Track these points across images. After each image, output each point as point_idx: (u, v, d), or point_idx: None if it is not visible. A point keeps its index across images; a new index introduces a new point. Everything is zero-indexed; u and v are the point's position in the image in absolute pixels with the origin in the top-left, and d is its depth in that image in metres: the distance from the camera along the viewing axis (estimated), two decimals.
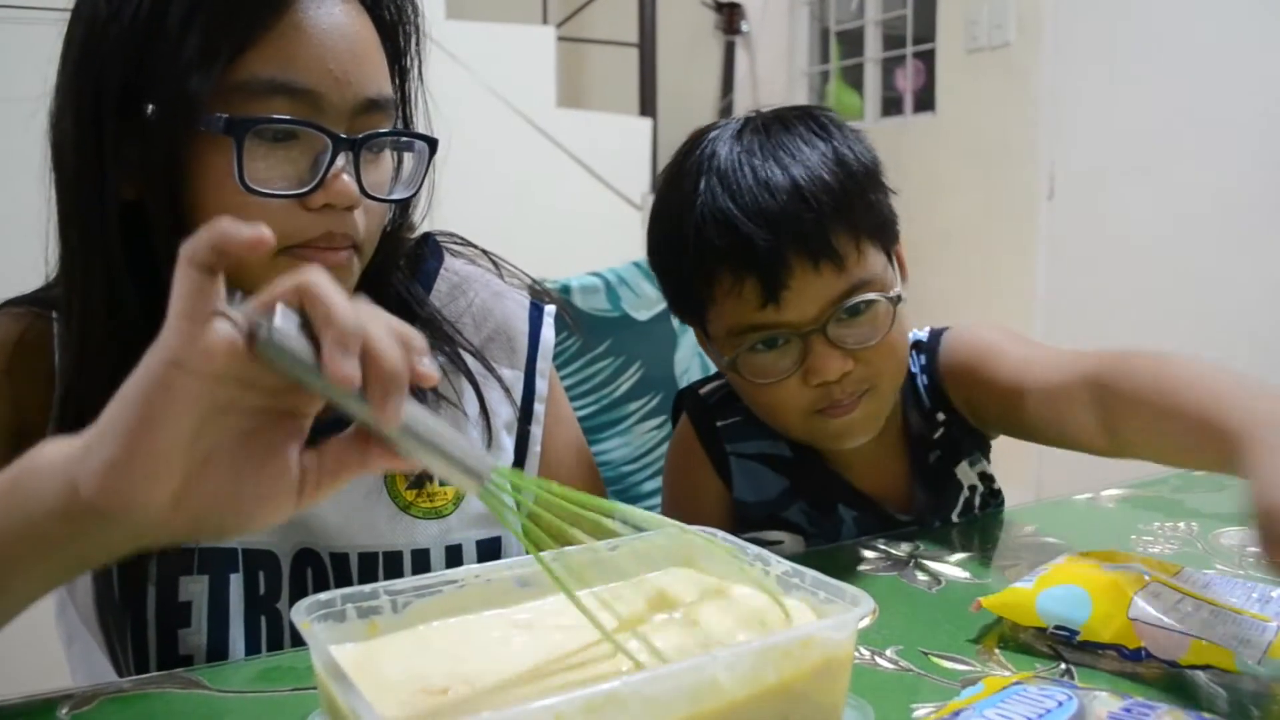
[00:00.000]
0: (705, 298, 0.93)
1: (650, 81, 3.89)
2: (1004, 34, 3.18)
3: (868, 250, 0.91)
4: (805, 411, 0.93)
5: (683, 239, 0.91)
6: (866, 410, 0.94)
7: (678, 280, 0.97)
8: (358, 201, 0.76)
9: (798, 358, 0.91)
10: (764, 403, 0.96)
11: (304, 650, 0.75)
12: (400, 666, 0.55)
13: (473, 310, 0.95)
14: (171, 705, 0.67)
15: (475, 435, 0.91)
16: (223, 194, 0.72)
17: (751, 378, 0.93)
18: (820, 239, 0.88)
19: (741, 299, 0.90)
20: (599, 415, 1.42)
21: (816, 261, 0.88)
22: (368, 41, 0.77)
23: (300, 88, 0.72)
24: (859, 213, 0.90)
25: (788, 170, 0.89)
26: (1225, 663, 0.64)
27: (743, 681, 0.51)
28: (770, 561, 0.62)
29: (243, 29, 0.71)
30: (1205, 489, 1.16)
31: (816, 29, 4.28)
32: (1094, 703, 0.57)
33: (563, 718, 0.46)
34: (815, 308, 0.89)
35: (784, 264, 0.87)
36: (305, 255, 0.75)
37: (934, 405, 1.04)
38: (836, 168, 0.90)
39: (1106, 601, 0.70)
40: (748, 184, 0.89)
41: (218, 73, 0.70)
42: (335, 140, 0.73)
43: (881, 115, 3.89)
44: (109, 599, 0.80)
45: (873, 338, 0.91)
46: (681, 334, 1.48)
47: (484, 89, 3.14)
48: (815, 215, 0.88)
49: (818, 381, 0.90)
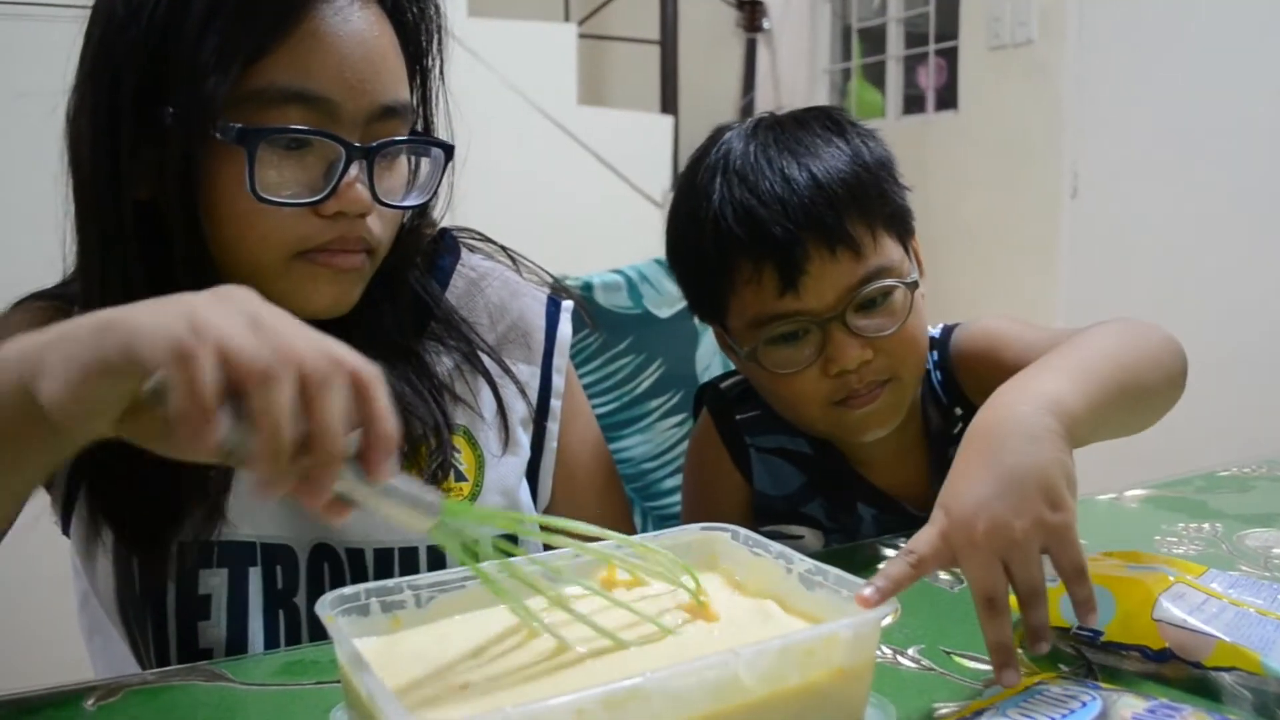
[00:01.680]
0: (725, 289, 0.93)
1: (671, 79, 3.88)
2: (1027, 31, 3.16)
3: (883, 239, 0.92)
4: (824, 403, 0.94)
5: (701, 232, 0.93)
6: (887, 401, 0.94)
7: (698, 276, 0.97)
8: (370, 209, 0.77)
9: (817, 348, 0.91)
10: (784, 395, 0.96)
11: (327, 644, 0.75)
12: (422, 661, 0.55)
13: (489, 306, 0.95)
14: (195, 697, 0.68)
15: (492, 436, 0.91)
16: (236, 199, 0.73)
17: (772, 369, 0.93)
18: (837, 226, 0.89)
19: (761, 287, 0.90)
20: (620, 412, 1.42)
21: (833, 248, 0.89)
22: (385, 48, 0.77)
23: (315, 96, 0.73)
24: (874, 203, 0.92)
25: (804, 163, 0.91)
26: (1251, 665, 0.63)
27: (764, 679, 0.51)
28: (793, 560, 0.62)
29: (260, 36, 0.71)
30: (1230, 490, 1.15)
31: (838, 26, 4.27)
32: (1118, 703, 0.56)
33: (585, 713, 0.46)
34: (833, 294, 0.90)
35: (801, 251, 0.88)
36: (319, 259, 0.76)
37: (951, 401, 1.04)
38: (851, 160, 0.92)
39: (1131, 602, 0.70)
40: (765, 176, 0.91)
41: (234, 78, 0.70)
42: (349, 149, 0.74)
43: (903, 113, 3.87)
44: (129, 591, 0.81)
45: (891, 326, 0.91)
46: (703, 331, 1.48)
47: (505, 86, 3.15)
48: (831, 204, 0.89)
49: (837, 370, 0.91)
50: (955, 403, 1.04)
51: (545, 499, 0.97)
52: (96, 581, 0.84)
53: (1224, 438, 2.30)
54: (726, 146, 0.95)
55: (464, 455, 0.89)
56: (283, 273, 0.76)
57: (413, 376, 0.87)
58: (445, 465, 0.86)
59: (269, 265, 0.76)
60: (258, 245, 0.75)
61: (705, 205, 0.93)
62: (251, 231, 0.74)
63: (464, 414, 0.90)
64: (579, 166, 3.33)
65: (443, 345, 0.90)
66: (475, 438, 0.90)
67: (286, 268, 0.76)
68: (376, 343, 0.86)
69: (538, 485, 0.96)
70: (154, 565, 0.80)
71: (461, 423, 0.90)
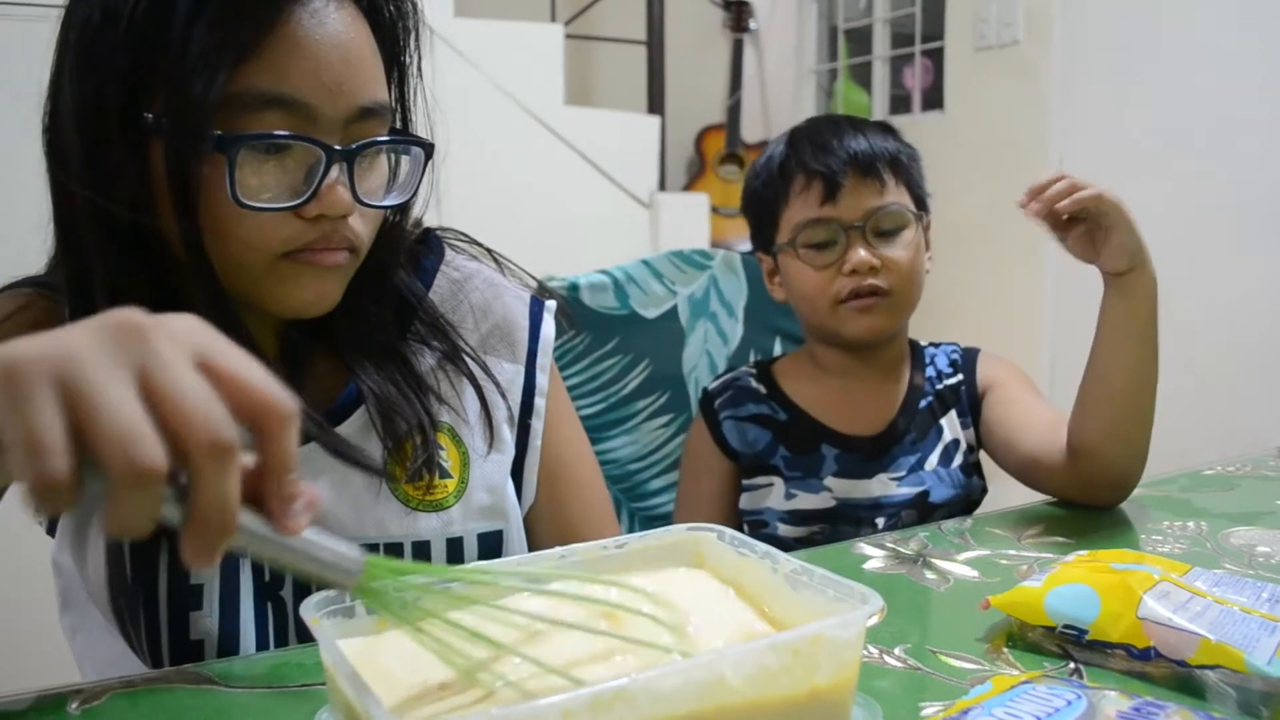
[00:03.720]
0: (781, 203, 1.25)
1: (658, 79, 3.88)
2: (1013, 32, 3.17)
3: (904, 192, 1.24)
4: (834, 299, 1.22)
5: (771, 167, 1.26)
6: (881, 308, 1.22)
7: (762, 201, 1.28)
8: (351, 210, 0.77)
9: (840, 254, 1.21)
10: (807, 289, 1.24)
11: (313, 646, 0.75)
12: (406, 663, 0.55)
13: (473, 306, 0.96)
14: (180, 700, 0.68)
15: (476, 436, 0.91)
16: (218, 204, 0.73)
17: (805, 262, 1.23)
18: (871, 165, 1.21)
19: (808, 198, 1.22)
20: (606, 413, 1.42)
21: (866, 176, 1.21)
22: (362, 48, 0.77)
23: (294, 100, 0.73)
24: (904, 169, 1.24)
25: (859, 134, 1.23)
26: (1235, 662, 0.64)
27: (750, 679, 0.51)
28: (779, 560, 0.62)
29: (243, 41, 0.71)
30: (1214, 488, 1.16)
31: (825, 27, 4.27)
32: (1103, 702, 0.56)
33: (570, 714, 0.46)
34: (860, 211, 1.20)
35: (843, 173, 1.20)
36: (304, 258, 0.76)
37: (955, 371, 1.31)
38: (896, 145, 1.24)
39: (1115, 601, 0.70)
40: (822, 134, 1.24)
41: (220, 85, 0.70)
42: (329, 152, 0.74)
43: (890, 113, 3.87)
44: (121, 579, 0.80)
45: (899, 250, 1.21)
46: (689, 332, 1.48)
47: (492, 86, 3.14)
48: (871, 152, 1.21)
49: (849, 269, 1.19)
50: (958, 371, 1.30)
51: (530, 497, 0.97)
52: (87, 572, 0.83)
53: (1209, 435, 2.31)
54: (793, 128, 1.28)
55: (449, 453, 0.89)
56: (267, 271, 0.76)
57: (397, 376, 0.87)
58: (430, 462, 0.86)
59: (253, 266, 0.76)
60: (240, 247, 0.75)
61: (774, 154, 1.27)
62: (234, 234, 0.74)
63: (448, 413, 0.90)
64: (566, 167, 3.32)
65: (426, 345, 0.91)
66: (460, 436, 0.91)
67: (271, 267, 0.76)
68: (362, 342, 0.87)
69: (522, 483, 0.96)
70: (145, 554, 0.80)
71: (446, 421, 0.90)
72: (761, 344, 1.53)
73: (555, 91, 3.36)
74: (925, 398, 1.29)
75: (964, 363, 1.31)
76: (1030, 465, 1.16)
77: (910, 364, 1.32)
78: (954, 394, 1.29)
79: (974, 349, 1.33)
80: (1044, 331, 3.11)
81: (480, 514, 0.90)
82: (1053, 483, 1.13)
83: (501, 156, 3.05)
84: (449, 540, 0.88)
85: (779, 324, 1.54)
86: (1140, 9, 2.85)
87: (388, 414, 0.85)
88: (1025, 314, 3.14)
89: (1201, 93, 2.70)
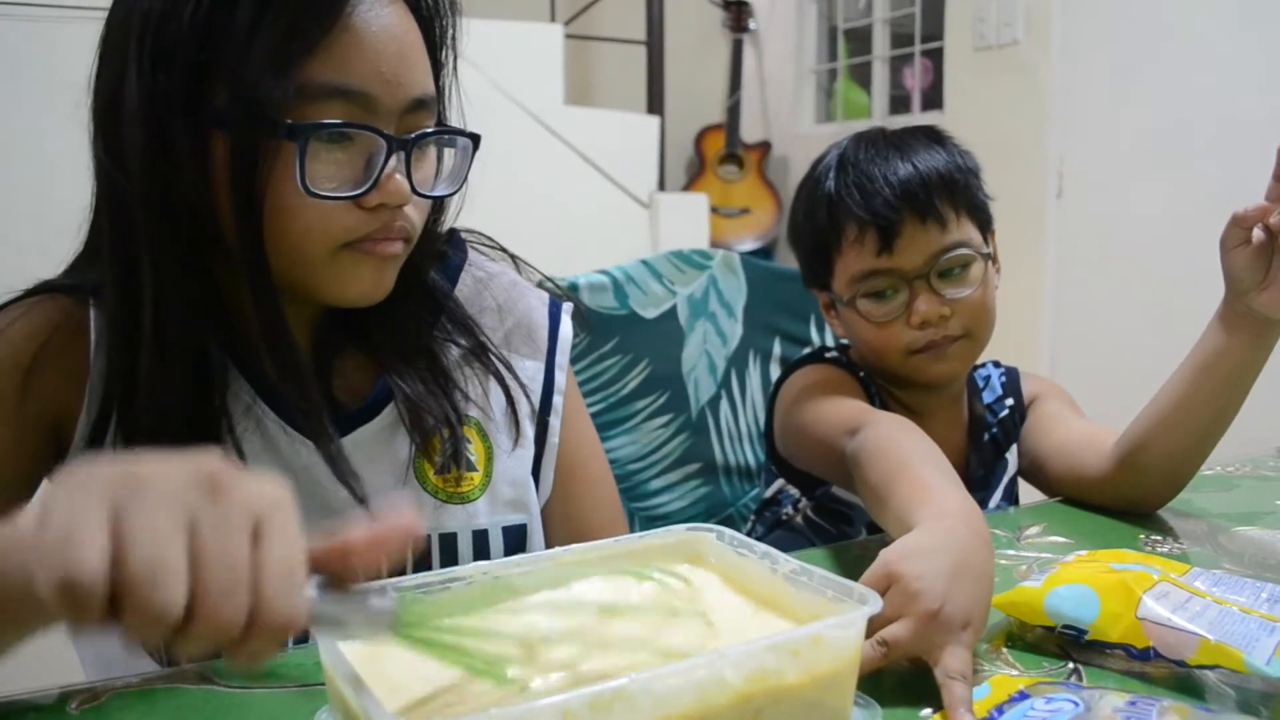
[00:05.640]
0: (834, 251, 1.14)
1: (658, 79, 3.88)
2: (1012, 32, 3.17)
3: (965, 223, 1.13)
4: (905, 351, 1.12)
5: (818, 208, 1.15)
6: (957, 354, 1.13)
7: (813, 244, 1.17)
8: (409, 199, 0.78)
9: (904, 303, 1.11)
10: (872, 342, 1.14)
11: (312, 647, 0.75)
12: (407, 663, 0.55)
13: (496, 305, 0.97)
14: (180, 700, 0.68)
15: (503, 435, 0.92)
16: (282, 194, 0.74)
17: (866, 318, 1.13)
18: (928, 203, 1.09)
19: (863, 248, 1.11)
20: (606, 413, 1.42)
21: (924, 219, 1.09)
22: (414, 41, 0.79)
23: (356, 91, 0.74)
24: (960, 193, 1.12)
25: (907, 157, 1.12)
26: (1234, 663, 0.64)
27: (750, 679, 0.51)
28: (778, 560, 0.62)
29: (308, 34, 0.72)
30: (1213, 489, 1.16)
31: (824, 27, 4.28)
32: (1099, 703, 0.56)
33: (571, 714, 0.46)
34: (921, 258, 1.10)
35: (898, 219, 1.09)
36: (364, 248, 0.78)
37: (1005, 394, 1.25)
38: (946, 160, 1.13)
39: (1115, 601, 0.70)
40: (874, 163, 1.12)
41: (290, 78, 0.71)
42: (389, 141, 0.76)
43: (889, 113, 3.87)
44: None
45: (967, 291, 1.11)
46: (689, 332, 1.48)
47: (491, 86, 3.14)
48: (925, 185, 1.10)
49: (919, 322, 1.10)
50: (1009, 395, 1.26)
51: (547, 494, 0.98)
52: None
53: None
54: (841, 149, 1.17)
55: (475, 447, 0.91)
56: (328, 261, 0.77)
57: (426, 373, 0.88)
58: (458, 455, 0.88)
59: (314, 257, 0.77)
60: (303, 238, 0.76)
61: (822, 188, 1.15)
62: (296, 225, 0.75)
63: (474, 409, 0.92)
64: (565, 167, 3.32)
65: (452, 342, 0.92)
66: (485, 430, 0.92)
67: (333, 257, 0.77)
68: (395, 339, 0.88)
69: (540, 480, 0.97)
70: None
71: (473, 415, 0.91)
72: (761, 344, 1.53)
73: (555, 91, 3.36)
74: (989, 430, 1.24)
75: (1009, 383, 1.27)
76: (1072, 477, 1.12)
77: (966, 387, 1.26)
78: (1013, 422, 1.24)
79: (1014, 369, 1.29)
80: (1044, 331, 3.11)
81: (505, 507, 0.91)
82: (1096, 492, 1.10)
83: (501, 156, 3.02)
84: (475, 533, 0.89)
85: (779, 324, 1.54)
86: (1140, 9, 2.85)
87: (416, 411, 0.86)
88: (1025, 314, 3.14)
89: (1201, 93, 2.69)
